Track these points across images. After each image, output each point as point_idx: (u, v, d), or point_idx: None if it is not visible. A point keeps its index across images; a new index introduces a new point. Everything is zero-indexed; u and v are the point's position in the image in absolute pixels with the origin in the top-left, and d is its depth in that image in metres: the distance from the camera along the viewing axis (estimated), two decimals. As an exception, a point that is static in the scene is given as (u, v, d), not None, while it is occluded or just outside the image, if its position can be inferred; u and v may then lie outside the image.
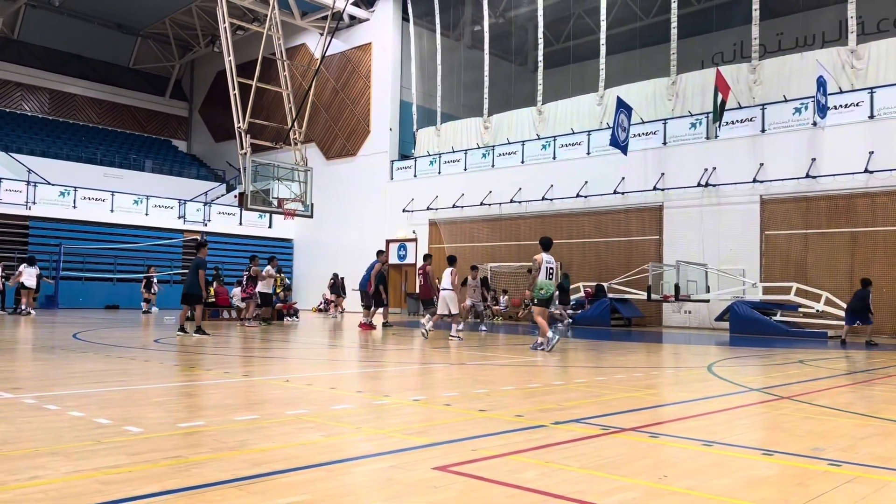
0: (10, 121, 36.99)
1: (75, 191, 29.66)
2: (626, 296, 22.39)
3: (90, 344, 11.41)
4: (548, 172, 26.32)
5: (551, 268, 11.77)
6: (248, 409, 5.57)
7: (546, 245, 12.17)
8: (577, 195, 25.12)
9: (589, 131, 25.72)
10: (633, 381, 8.03)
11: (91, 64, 41.40)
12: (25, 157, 32.21)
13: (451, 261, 15.38)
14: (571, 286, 23.55)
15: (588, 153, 25.56)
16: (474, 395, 6.52)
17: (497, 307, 25.89)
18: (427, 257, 16.80)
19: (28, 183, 28.76)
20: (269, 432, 4.69)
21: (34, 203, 28.35)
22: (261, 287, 18.24)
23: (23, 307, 21.19)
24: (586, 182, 25.04)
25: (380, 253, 17.70)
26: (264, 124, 29.19)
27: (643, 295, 21.11)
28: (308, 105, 26.85)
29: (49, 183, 29.80)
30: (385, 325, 18.53)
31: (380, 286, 17.91)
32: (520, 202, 26.83)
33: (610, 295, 22.45)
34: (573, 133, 26.27)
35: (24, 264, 22.06)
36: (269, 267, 18.51)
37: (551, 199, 25.98)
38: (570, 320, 22.48)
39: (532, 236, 26.67)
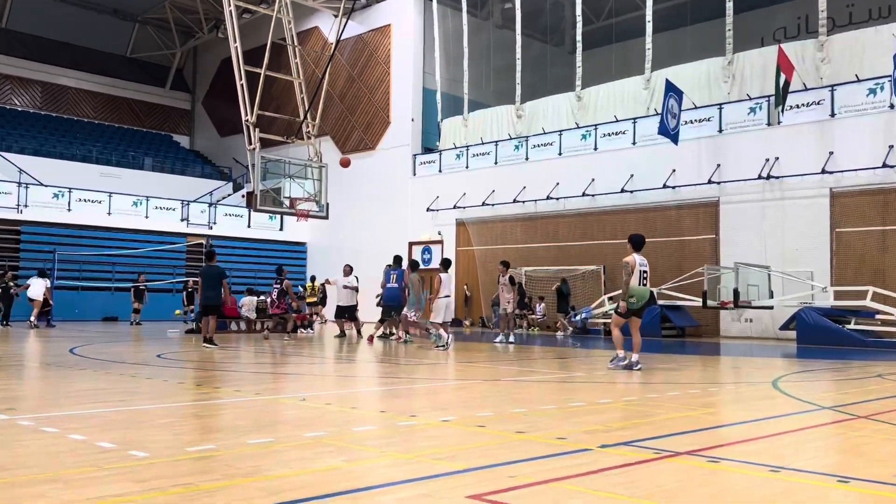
0: (-1, 117, 37.84)
1: (70, 192, 30.21)
2: (679, 303, 22.20)
3: (88, 360, 11.61)
4: (588, 165, 26.21)
5: (645, 271, 11.17)
6: (261, 432, 5.63)
7: (638, 244, 11.41)
8: (622, 190, 24.99)
9: (634, 118, 25.57)
10: (689, 398, 7.96)
11: (85, 53, 42.17)
12: (16, 155, 32.88)
13: (446, 264, 15.10)
14: (618, 292, 23.31)
15: (634, 143, 25.40)
16: (510, 415, 6.51)
17: (533, 316, 25.82)
18: (446, 263, 16.45)
19: (19, 184, 29.36)
20: (285, 457, 4.73)
21: (26, 206, 28.93)
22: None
23: (31, 319, 21.94)
24: (632, 175, 24.90)
25: (415, 265, 17.59)
26: (274, 117, 29.46)
27: (698, 301, 20.92)
28: (322, 95, 27.07)
29: (41, 184, 30.39)
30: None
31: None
32: (557, 199, 26.76)
33: (660, 302, 22.24)
34: (616, 121, 26.14)
35: (35, 275, 22.85)
36: (343, 278, 19.13)
37: (593, 195, 25.87)
38: (571, 330, 22.43)
39: (571, 236, 26.55)
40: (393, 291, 17.50)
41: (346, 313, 19.03)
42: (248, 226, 34.84)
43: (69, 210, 30.03)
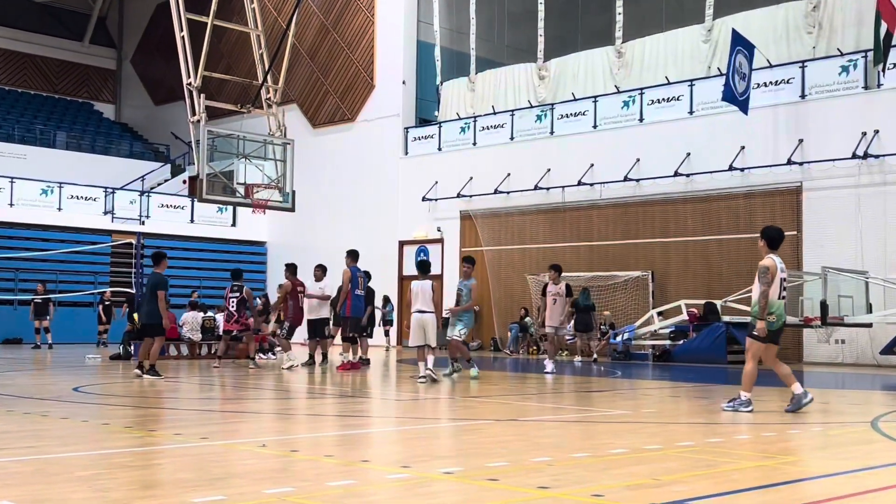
0: None
1: (-40, 177, 30.26)
2: (749, 318, 22.13)
3: (-15, 394, 11.63)
4: (632, 141, 26.21)
5: (785, 278, 11.07)
6: (210, 487, 5.64)
7: (774, 240, 11.19)
8: (675, 173, 24.99)
9: (691, 80, 25.56)
10: (763, 443, 7.96)
11: (-20, -3, 42.20)
12: None
13: (424, 268, 14.93)
14: (671, 305, 23.42)
15: (690, 112, 25.39)
16: (532, 465, 6.52)
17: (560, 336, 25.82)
18: (423, 266, 15.61)
19: None
20: (240, 520, 4.75)
21: None
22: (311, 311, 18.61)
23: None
24: (688, 154, 24.90)
25: (425, 268, 16.23)
26: (224, 79, 29.48)
27: (774, 317, 20.83)
28: (287, 50, 27.06)
29: (-77, 167, 30.44)
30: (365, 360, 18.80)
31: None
32: (591, 185, 26.76)
33: (725, 318, 22.25)
34: (668, 83, 26.14)
35: None
36: (314, 283, 19.00)
37: (637, 180, 25.88)
38: (595, 356, 22.43)
39: (609, 233, 26.54)
40: (359, 301, 17.69)
41: (315, 330, 18.86)
42: (192, 220, 34.85)
43: (-42, 200, 30.08)
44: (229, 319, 18.38)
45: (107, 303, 28.12)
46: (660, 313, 23.85)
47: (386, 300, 29.01)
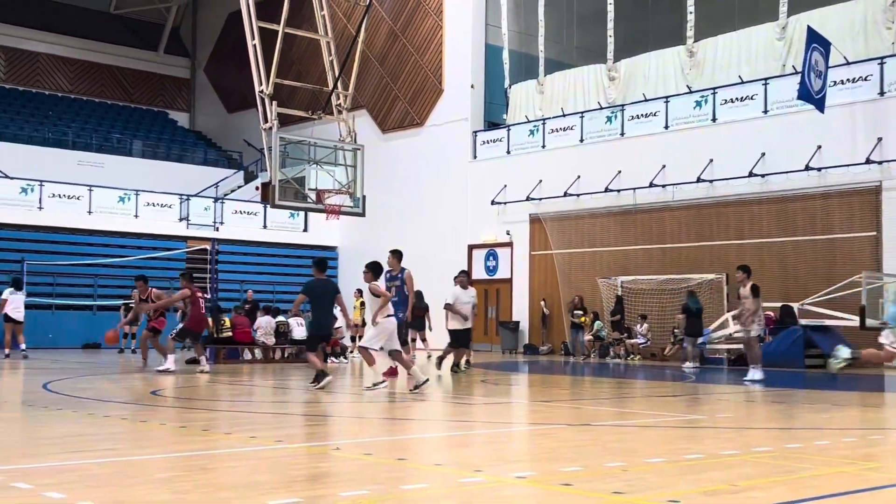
0: (-46, 93, 39.24)
1: (41, 186, 31.11)
2: (828, 322, 21.72)
3: (66, 398, 11.96)
4: (704, 141, 25.91)
5: None
6: (285, 490, 5.73)
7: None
8: (750, 174, 24.64)
9: (765, 79, 25.19)
10: (844, 448, 7.83)
11: (59, 10, 43.44)
12: (-26, 141, 34.06)
13: (375, 269, 13.74)
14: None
15: (765, 111, 25.02)
16: (605, 470, 6.50)
17: (633, 340, 25.62)
18: (374, 268, 13.87)
19: (-22, 177, 30.41)
20: (316, 522, 4.82)
21: (-13, 204, 29.94)
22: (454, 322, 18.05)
23: (21, 346, 22.32)
24: (763, 154, 24.53)
25: (379, 269, 14.45)
26: (295, 86, 29.83)
27: (854, 320, 20.46)
28: (357, 57, 27.30)
29: (7, 176, 31.40)
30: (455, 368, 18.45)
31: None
32: (663, 186, 26.52)
33: (802, 321, 21.87)
34: (741, 82, 25.78)
35: (10, 289, 23.19)
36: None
37: (710, 181, 25.56)
38: (698, 365, 22.03)
39: (681, 235, 26.25)
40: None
41: (460, 339, 18.37)
42: (264, 226, 35.34)
43: (40, 208, 30.91)
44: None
45: (128, 304, 28.46)
46: (734, 317, 23.51)
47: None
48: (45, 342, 28.98)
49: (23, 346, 22.48)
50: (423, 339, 25.43)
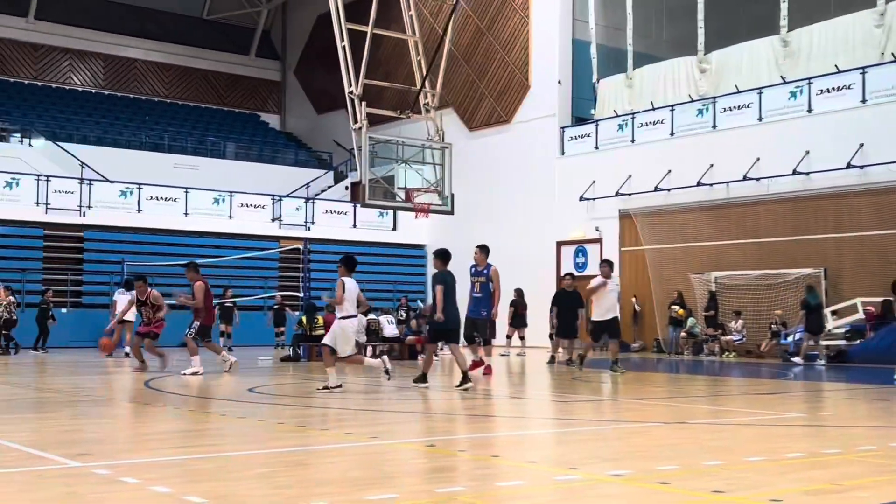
0: (56, 99, 40.66)
1: (139, 189, 32.07)
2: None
3: (167, 395, 12.33)
4: (800, 133, 25.35)
5: None
6: (381, 485, 5.81)
7: None
8: (848, 165, 24.02)
9: (863, 68, 24.52)
10: (953, 449, 7.57)
11: (154, 17, 44.67)
12: (76, 146, 35.19)
13: (349, 263, 13.38)
14: (846, 303, 22.54)
15: (863, 101, 24.36)
16: (703, 468, 6.43)
17: (727, 337, 25.21)
18: (348, 262, 13.71)
19: (81, 181, 31.44)
20: (414, 518, 4.87)
21: (89, 207, 30.94)
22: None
23: (126, 348, 22.79)
24: (861, 145, 23.88)
25: (353, 264, 14.18)
26: (383, 86, 30.09)
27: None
28: (444, 55, 27.40)
29: (107, 180, 32.41)
30: (569, 362, 18.50)
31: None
32: (758, 179, 26.03)
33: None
34: (838, 72, 25.14)
35: (120, 290, 23.85)
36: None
37: (807, 174, 24.99)
38: (823, 359, 21.51)
39: (777, 229, 25.71)
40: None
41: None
42: (354, 225, 35.76)
43: (139, 210, 31.85)
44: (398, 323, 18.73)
45: (277, 307, 29.05)
46: (833, 312, 22.97)
47: None
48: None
49: (125, 347, 23.08)
50: (522, 338, 25.49)
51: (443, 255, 13.80)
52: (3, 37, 40.69)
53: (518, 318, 24.92)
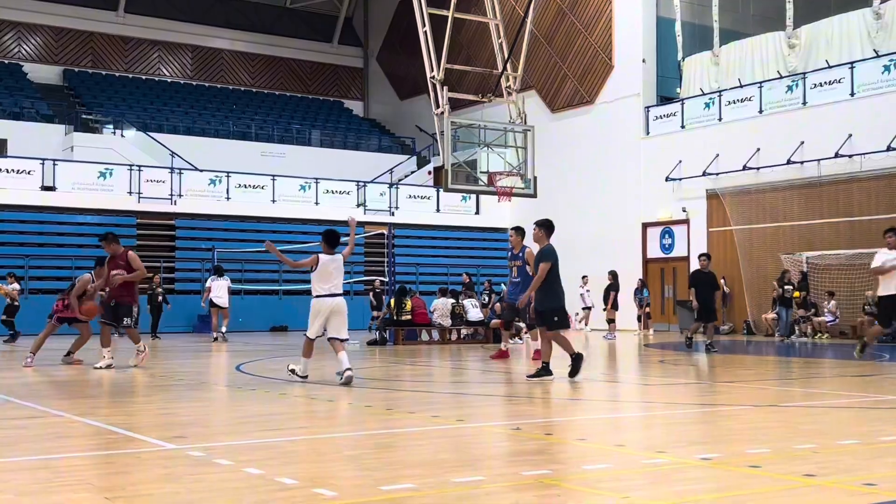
0: (147, 91, 41.75)
1: (228, 177, 32.74)
2: None
3: (258, 379, 12.60)
4: (894, 108, 24.60)
5: None
6: (468, 468, 5.86)
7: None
8: (947, 140, 23.22)
9: (962, 38, 23.67)
10: None
11: (239, 8, 45.45)
12: (166, 136, 36.09)
13: (330, 239, 11.43)
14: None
15: (962, 72, 23.52)
16: (795, 452, 6.34)
17: (820, 318, 24.66)
18: (329, 237, 11.53)
19: (171, 170, 32.23)
20: (499, 500, 4.91)
21: (180, 196, 31.72)
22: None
23: (222, 330, 23.57)
24: (961, 118, 23.07)
25: (334, 239, 11.60)
26: (465, 70, 30.09)
27: None
28: (525, 38, 27.27)
29: (196, 168, 33.16)
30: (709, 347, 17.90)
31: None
32: (850, 157, 25.34)
33: None
34: (935, 42, 24.31)
35: (213, 276, 24.74)
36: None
37: (902, 149, 24.26)
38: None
39: (871, 207, 25.00)
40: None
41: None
42: (437, 210, 35.92)
43: (228, 199, 32.53)
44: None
45: (377, 290, 29.25)
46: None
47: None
48: (236, 325, 30.47)
49: (223, 329, 23.66)
50: (612, 320, 25.33)
51: (548, 226, 11.99)
52: (94, 31, 41.90)
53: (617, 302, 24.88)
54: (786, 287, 23.61)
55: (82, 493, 5.06)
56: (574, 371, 11.70)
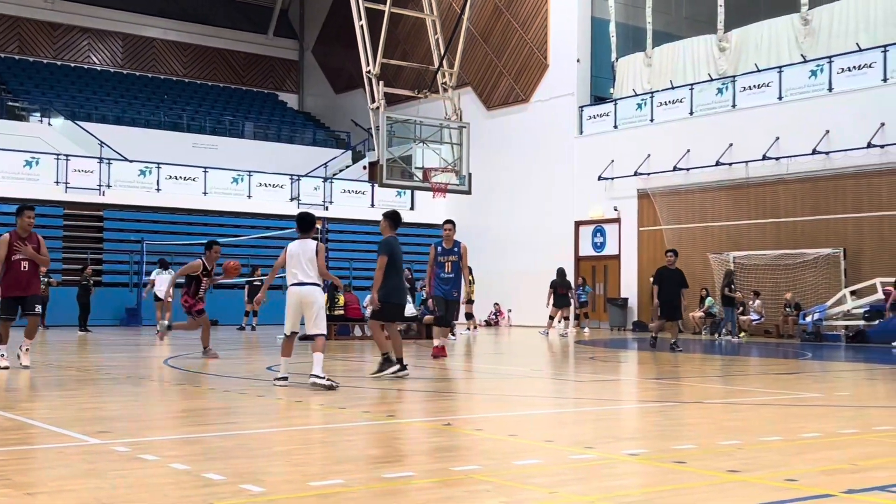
0: (75, 79, 40.79)
1: (158, 168, 32.18)
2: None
3: (186, 373, 12.41)
4: (821, 112, 25.13)
5: None
6: (399, 463, 5.86)
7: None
8: (869, 144, 23.82)
9: (885, 46, 24.27)
10: (971, 430, 7.54)
11: (173, -3, 44.70)
12: (95, 125, 35.33)
13: (306, 223, 11.21)
14: (865, 283, 22.43)
15: (884, 79, 24.12)
16: (720, 448, 6.45)
17: (745, 317, 25.12)
18: (305, 222, 11.39)
19: (100, 160, 31.58)
20: (428, 496, 4.91)
21: (108, 186, 31.09)
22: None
23: (166, 322, 22.99)
24: (883, 124, 23.66)
25: (307, 223, 11.52)
26: (401, 66, 30.09)
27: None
28: (462, 34, 27.35)
29: (126, 159, 32.54)
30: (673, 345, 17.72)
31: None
32: (777, 159, 25.85)
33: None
34: (860, 50, 24.89)
35: (157, 269, 24.40)
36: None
37: (827, 153, 24.80)
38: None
39: (796, 209, 25.57)
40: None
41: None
42: (372, 205, 35.76)
43: (158, 190, 31.98)
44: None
45: (256, 284, 28.95)
46: (853, 292, 22.87)
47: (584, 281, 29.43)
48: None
49: (165, 322, 23.20)
50: (566, 318, 25.53)
51: (393, 217, 11.73)
52: (22, 16, 40.84)
53: (560, 299, 24.85)
54: (731, 287, 24.00)
55: (2, 490, 4.93)
56: (378, 371, 11.49)
